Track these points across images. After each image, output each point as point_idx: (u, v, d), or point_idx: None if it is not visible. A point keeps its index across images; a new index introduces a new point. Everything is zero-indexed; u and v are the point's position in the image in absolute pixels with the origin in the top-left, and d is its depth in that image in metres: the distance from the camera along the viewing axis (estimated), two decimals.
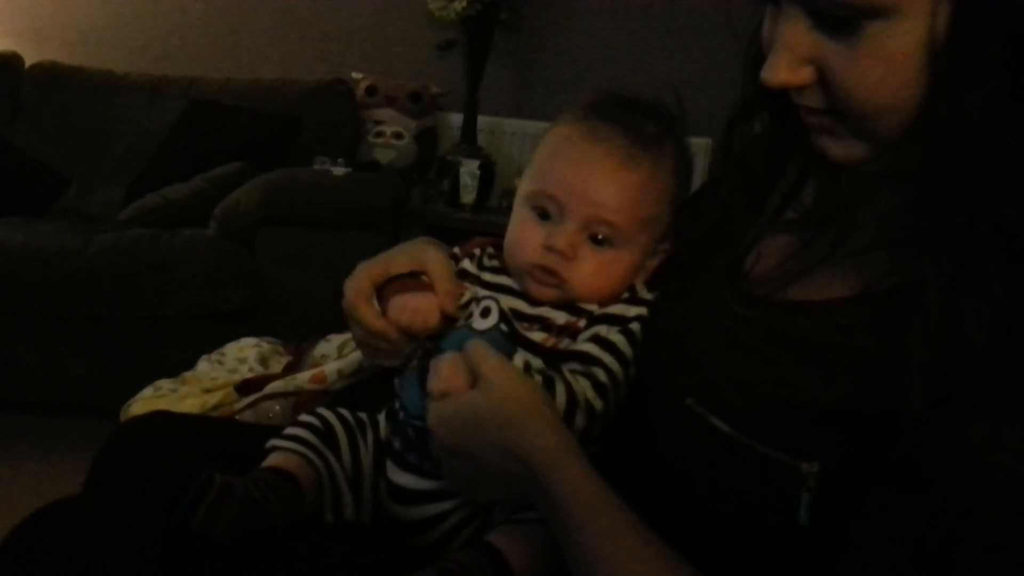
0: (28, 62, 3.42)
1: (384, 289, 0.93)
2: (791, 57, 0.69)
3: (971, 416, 0.60)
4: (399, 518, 0.93)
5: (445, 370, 0.82)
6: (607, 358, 0.88)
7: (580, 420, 0.84)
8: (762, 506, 0.72)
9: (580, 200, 0.88)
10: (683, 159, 0.94)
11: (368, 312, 0.91)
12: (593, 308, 0.91)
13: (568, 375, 0.86)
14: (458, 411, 0.80)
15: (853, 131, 0.70)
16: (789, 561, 0.69)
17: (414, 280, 0.93)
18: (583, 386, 0.86)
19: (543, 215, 0.90)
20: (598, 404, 0.86)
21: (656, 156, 0.90)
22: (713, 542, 0.71)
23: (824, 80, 0.69)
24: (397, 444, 0.93)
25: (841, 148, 0.73)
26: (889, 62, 0.65)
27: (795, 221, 0.83)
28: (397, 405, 0.94)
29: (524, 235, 0.91)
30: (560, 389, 0.84)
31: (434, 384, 0.82)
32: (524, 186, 0.93)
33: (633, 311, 0.91)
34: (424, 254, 0.94)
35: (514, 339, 0.89)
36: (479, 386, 0.80)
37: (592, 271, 0.89)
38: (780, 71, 0.69)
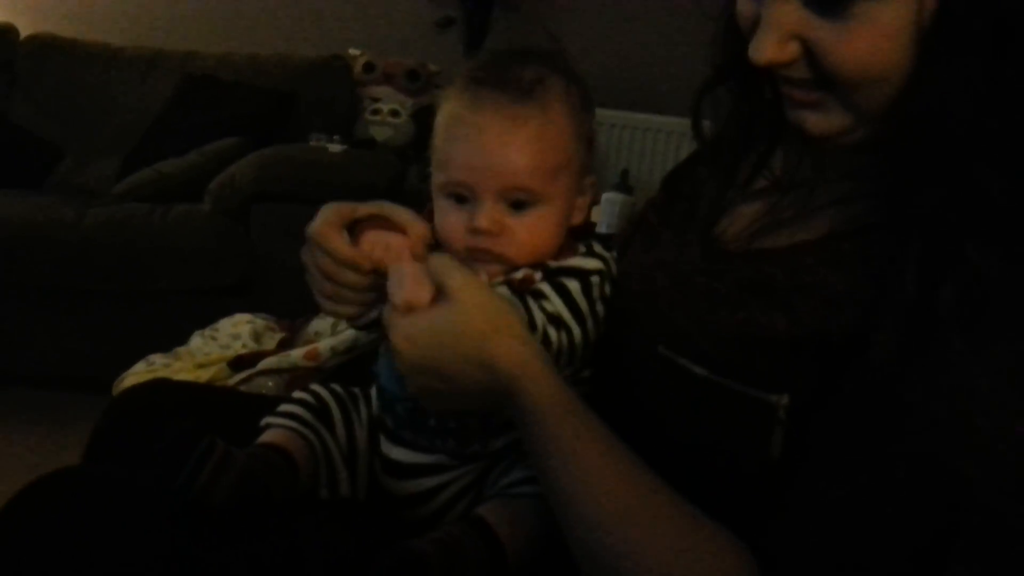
0: (23, 34, 3.39)
1: (354, 228, 0.91)
2: (778, 35, 0.71)
3: (945, 347, 0.63)
4: (394, 492, 0.93)
5: (409, 282, 0.79)
6: (555, 298, 0.87)
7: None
8: (735, 442, 0.75)
9: (485, 176, 0.87)
10: (574, 90, 0.91)
11: (340, 240, 0.88)
12: (548, 262, 0.91)
13: (530, 302, 0.86)
14: (425, 327, 0.78)
15: (841, 101, 0.73)
16: (763, 494, 0.72)
17: (385, 220, 0.91)
18: (540, 316, 0.85)
19: (460, 199, 0.89)
20: (553, 334, 0.85)
21: (542, 101, 0.88)
22: (690, 482, 0.72)
23: (811, 54, 0.71)
24: (389, 421, 0.94)
25: (821, 121, 0.75)
26: (880, 37, 0.67)
27: (764, 189, 0.86)
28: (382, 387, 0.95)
29: (448, 224, 0.90)
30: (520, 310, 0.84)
31: (398, 296, 0.79)
32: (435, 177, 0.92)
33: (592, 263, 0.90)
34: (390, 204, 0.92)
35: None
36: (446, 301, 0.78)
37: (525, 237, 0.88)
38: (767, 49, 0.72)
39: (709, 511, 0.71)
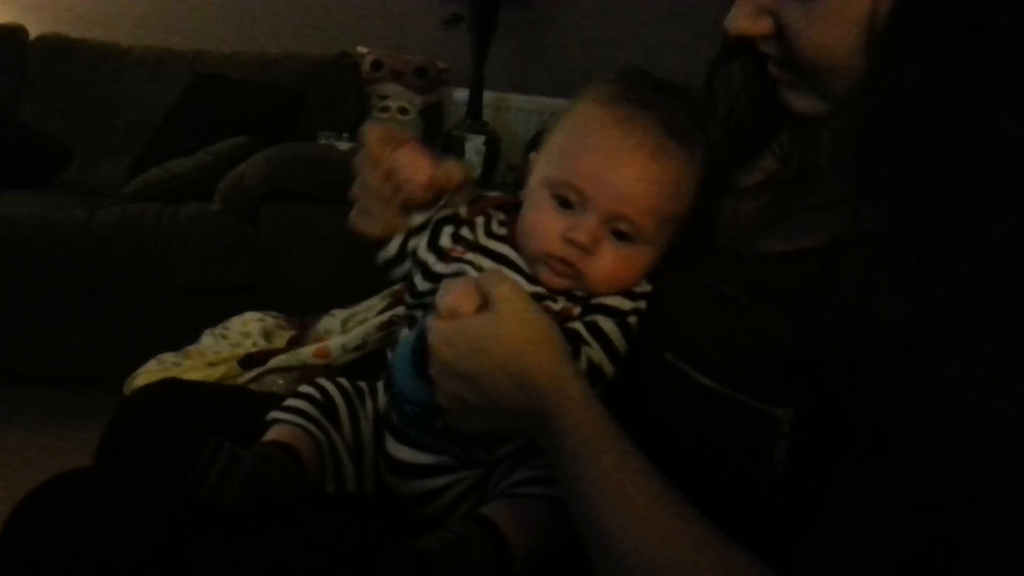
0: (33, 34, 3.40)
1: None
2: (752, 8, 0.73)
3: (938, 360, 0.62)
4: (398, 491, 0.93)
5: (456, 290, 0.79)
6: (595, 344, 0.86)
7: None
8: (741, 454, 0.74)
9: (606, 194, 0.84)
10: (706, 149, 0.89)
11: (374, 137, 0.93)
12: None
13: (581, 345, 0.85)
14: (466, 332, 0.77)
15: (808, 85, 0.74)
16: (769, 508, 0.71)
17: (429, 149, 0.94)
18: (584, 356, 0.84)
19: (564, 203, 0.86)
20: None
21: (688, 148, 0.86)
22: (696, 492, 0.71)
23: (781, 33, 0.72)
24: (395, 418, 0.93)
25: (800, 100, 0.76)
26: (842, 25, 0.68)
27: (768, 180, 0.86)
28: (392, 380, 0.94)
29: (542, 223, 0.87)
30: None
31: (443, 301, 0.78)
32: (544, 169, 0.89)
33: (629, 304, 0.88)
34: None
35: None
36: (491, 310, 0.77)
37: (610, 266, 0.86)
38: (740, 20, 0.74)
39: (718, 523, 0.69)
